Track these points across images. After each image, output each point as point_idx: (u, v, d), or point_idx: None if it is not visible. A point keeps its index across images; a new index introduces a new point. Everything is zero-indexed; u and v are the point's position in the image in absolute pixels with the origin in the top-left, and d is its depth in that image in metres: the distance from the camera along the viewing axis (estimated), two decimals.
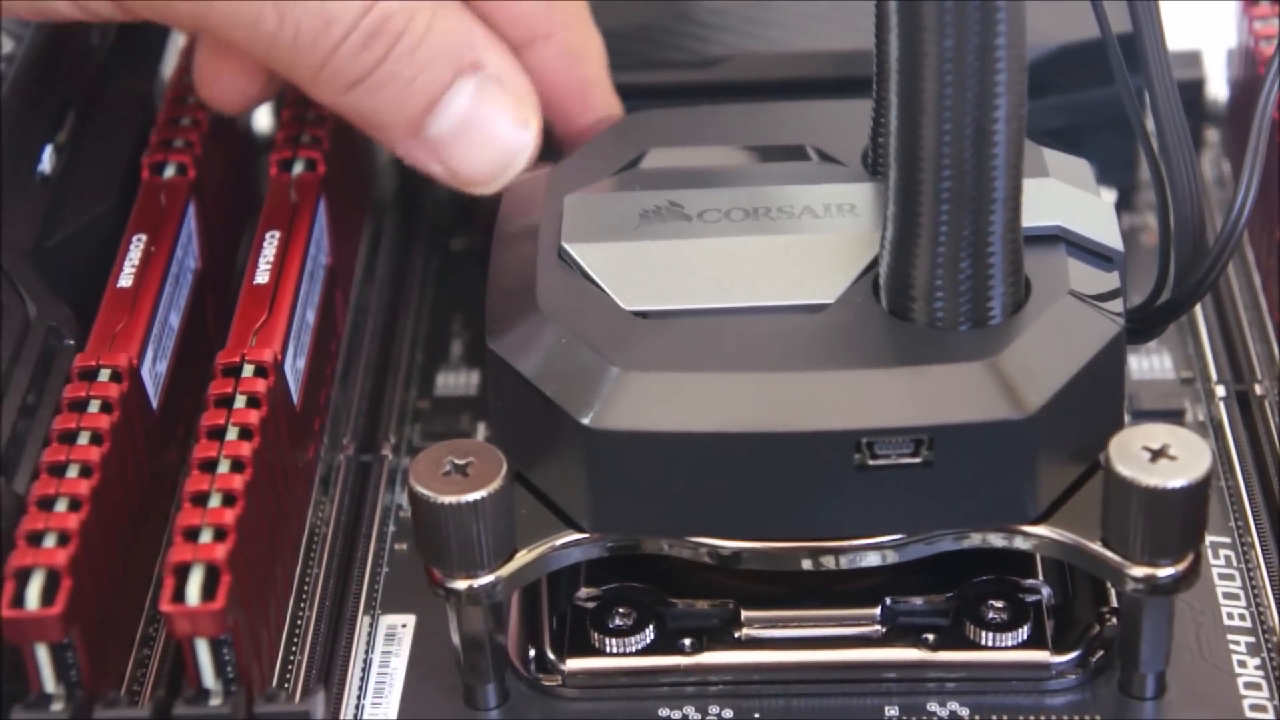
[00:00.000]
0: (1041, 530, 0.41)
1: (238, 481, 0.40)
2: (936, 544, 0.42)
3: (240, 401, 0.42)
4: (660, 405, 0.41)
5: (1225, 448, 0.47)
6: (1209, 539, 0.45)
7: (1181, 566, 0.40)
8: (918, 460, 0.40)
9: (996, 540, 0.41)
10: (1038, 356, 0.41)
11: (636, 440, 0.40)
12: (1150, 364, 0.51)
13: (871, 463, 0.40)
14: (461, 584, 0.41)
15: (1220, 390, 0.49)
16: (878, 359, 0.41)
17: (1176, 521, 0.40)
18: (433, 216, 0.56)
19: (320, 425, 0.48)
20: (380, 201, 0.56)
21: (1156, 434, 0.40)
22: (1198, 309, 0.51)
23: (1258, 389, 0.49)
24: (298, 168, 0.49)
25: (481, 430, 0.50)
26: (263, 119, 0.56)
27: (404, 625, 0.45)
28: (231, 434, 0.42)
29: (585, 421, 0.41)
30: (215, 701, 0.39)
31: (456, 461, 0.40)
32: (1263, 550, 0.45)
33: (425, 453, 0.41)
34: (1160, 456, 0.40)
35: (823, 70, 0.52)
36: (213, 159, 0.50)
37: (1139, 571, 0.40)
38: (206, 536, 0.39)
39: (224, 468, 0.41)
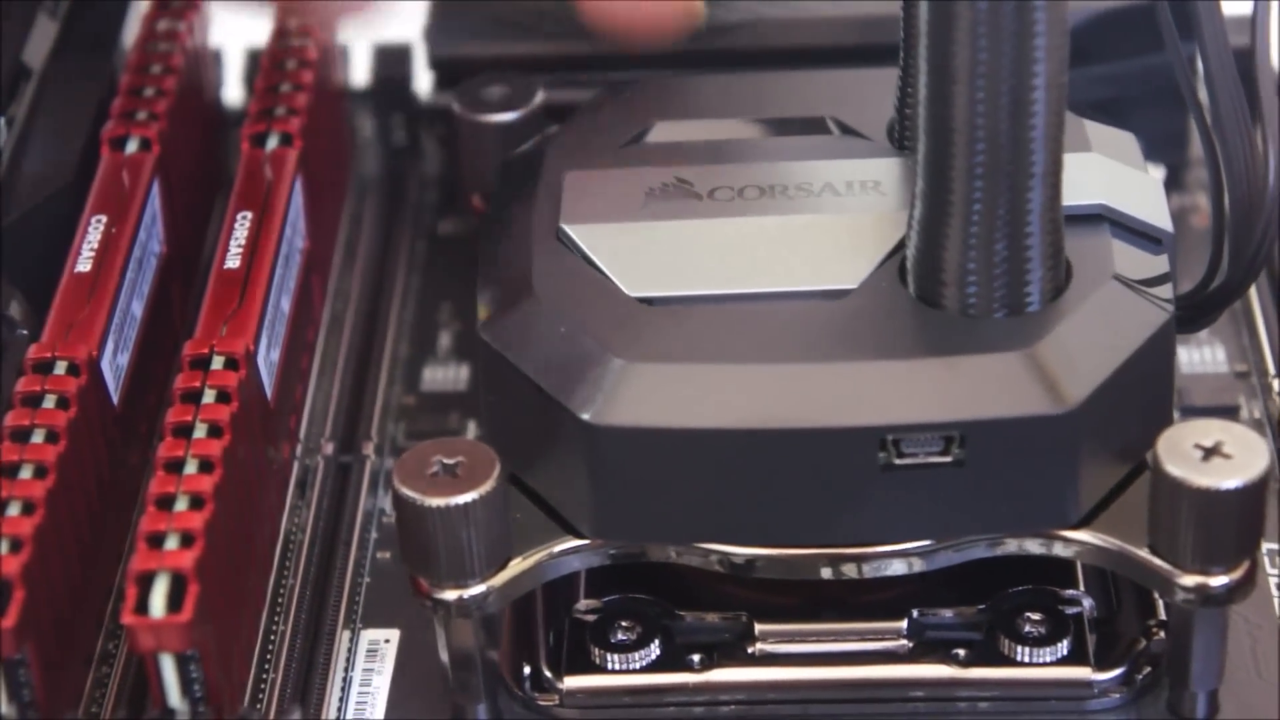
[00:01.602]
0: (1083, 535, 0.41)
1: (206, 483, 0.40)
2: (968, 551, 0.41)
3: (209, 396, 0.42)
4: (667, 400, 0.40)
5: None
6: (1266, 546, 0.45)
7: (1236, 575, 0.40)
8: (948, 459, 0.40)
9: (1034, 547, 0.41)
10: (1079, 346, 0.40)
11: (641, 438, 0.40)
12: (1201, 356, 0.50)
13: (898, 462, 0.40)
14: (450, 595, 0.41)
15: (1278, 384, 0.49)
16: (905, 349, 0.41)
17: (1231, 526, 0.39)
18: (418, 197, 0.56)
19: (296, 423, 0.48)
20: (361, 180, 0.56)
21: (1209, 430, 0.40)
22: (1253, 297, 0.51)
23: None
24: (272, 142, 0.49)
25: (472, 429, 0.49)
26: (234, 90, 0.56)
27: (387, 640, 0.44)
28: (199, 432, 0.41)
29: (586, 417, 0.40)
30: None
31: (445, 461, 0.40)
32: None
33: (411, 452, 0.40)
34: (1213, 455, 0.39)
35: (845, 37, 0.52)
36: (179, 132, 0.50)
37: (1189, 580, 0.40)
38: (172, 543, 0.39)
39: (191, 468, 0.41)
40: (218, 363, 0.43)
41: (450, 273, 0.54)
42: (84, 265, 0.45)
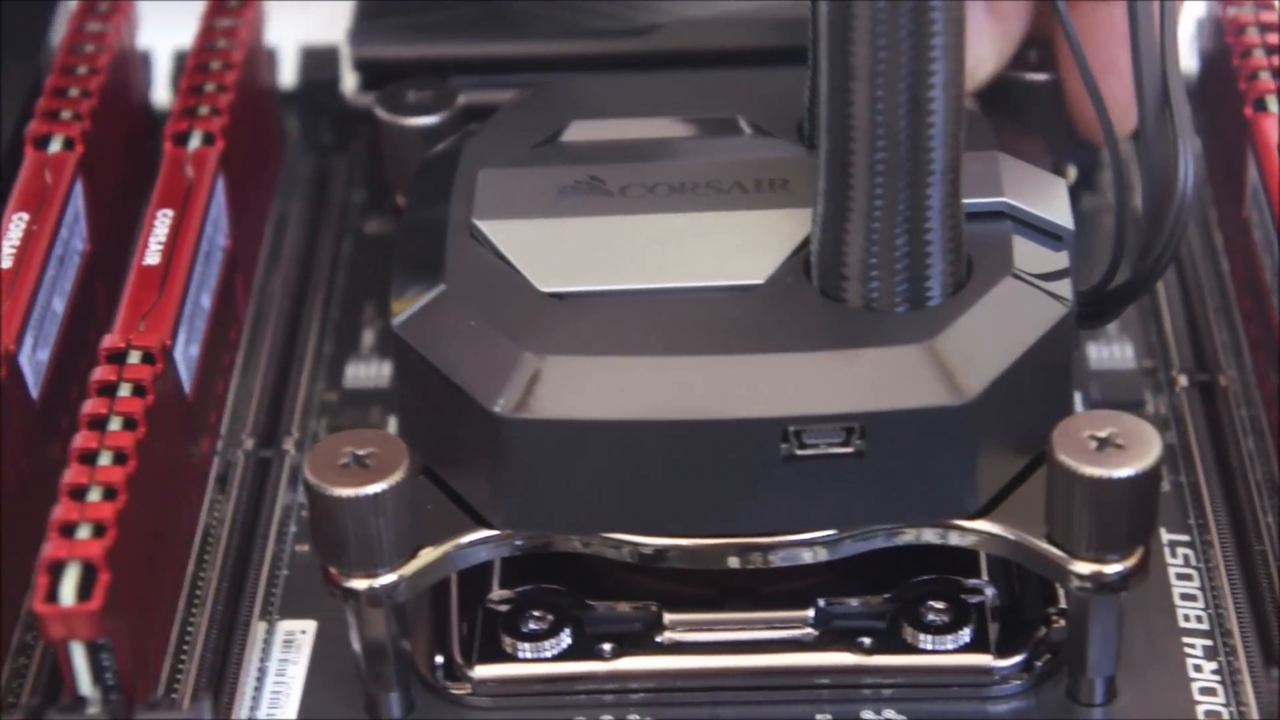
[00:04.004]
0: (981, 525, 0.42)
1: (119, 474, 0.41)
2: (870, 540, 0.42)
3: (125, 389, 0.42)
4: (575, 392, 0.41)
5: (1186, 441, 0.48)
6: (1166, 537, 0.46)
7: (1130, 563, 0.41)
8: (849, 450, 0.41)
9: (932, 536, 0.42)
10: (978, 340, 0.41)
11: (549, 430, 0.41)
12: (1111, 353, 0.51)
13: (800, 453, 0.41)
14: (361, 584, 0.41)
15: (1183, 380, 0.49)
16: (807, 342, 0.41)
17: (1124, 514, 0.40)
18: (344, 198, 0.56)
19: (217, 418, 0.48)
20: (287, 181, 0.56)
21: (1103, 421, 0.40)
22: (1162, 295, 0.52)
23: (1222, 379, 0.49)
24: (194, 141, 0.49)
25: (393, 425, 0.50)
26: (162, 92, 0.57)
27: (303, 631, 0.45)
28: (114, 424, 0.42)
29: (494, 410, 0.41)
30: (92, 710, 0.39)
31: (356, 452, 0.41)
32: (1222, 549, 0.45)
33: (322, 443, 0.41)
34: (1107, 445, 0.40)
35: (761, 38, 0.53)
36: (104, 133, 0.50)
37: (1084, 568, 0.41)
38: (84, 532, 0.39)
39: (105, 460, 0.41)
40: (134, 357, 0.43)
41: (375, 272, 0.54)
42: (5, 262, 0.45)
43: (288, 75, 0.58)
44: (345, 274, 0.54)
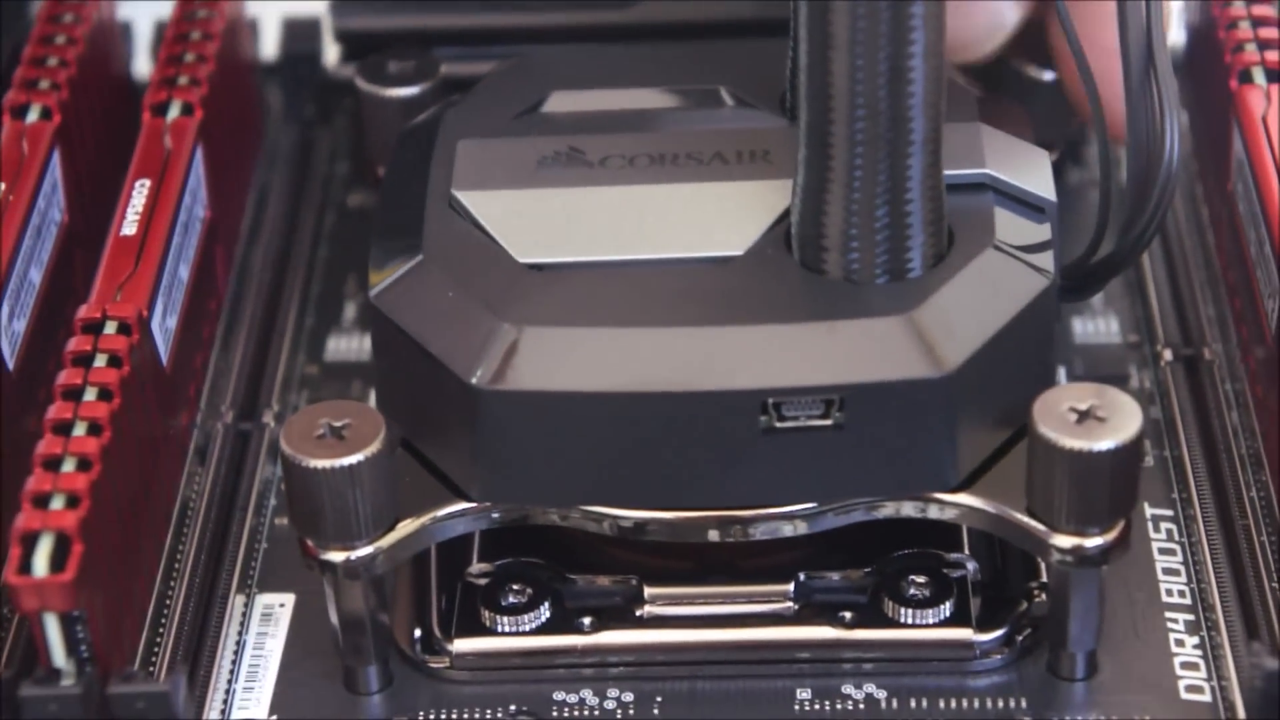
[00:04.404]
0: (960, 498, 0.41)
1: (93, 445, 0.40)
2: (850, 514, 0.42)
3: (100, 360, 0.42)
4: (552, 363, 0.41)
5: (1170, 415, 0.48)
6: (1149, 511, 0.45)
7: (1111, 536, 0.40)
8: (828, 422, 0.40)
9: (912, 510, 0.42)
10: (958, 311, 0.41)
11: (526, 401, 0.41)
12: (1097, 327, 0.51)
13: (779, 425, 0.40)
14: (338, 556, 0.41)
15: (1168, 355, 0.49)
16: (787, 314, 0.41)
17: (1104, 487, 0.40)
18: (327, 170, 0.56)
19: (196, 391, 0.48)
20: (269, 153, 0.56)
21: (1084, 394, 0.40)
22: (1147, 269, 0.52)
23: (1207, 353, 0.49)
24: (173, 112, 0.49)
25: (374, 398, 0.49)
26: (143, 64, 0.56)
27: (282, 605, 0.45)
28: (89, 395, 0.41)
29: (471, 381, 0.41)
30: (67, 682, 0.39)
31: (333, 424, 0.40)
32: (1205, 524, 0.45)
33: (299, 414, 0.41)
34: (1087, 418, 0.40)
35: (743, 10, 0.52)
36: (83, 104, 0.50)
37: (1065, 541, 0.40)
38: (58, 503, 0.39)
39: (80, 430, 0.41)
40: (110, 327, 0.43)
41: (358, 245, 0.54)
42: None
43: (270, 47, 0.57)
44: (327, 247, 0.54)
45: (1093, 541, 0.40)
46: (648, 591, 0.44)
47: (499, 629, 0.43)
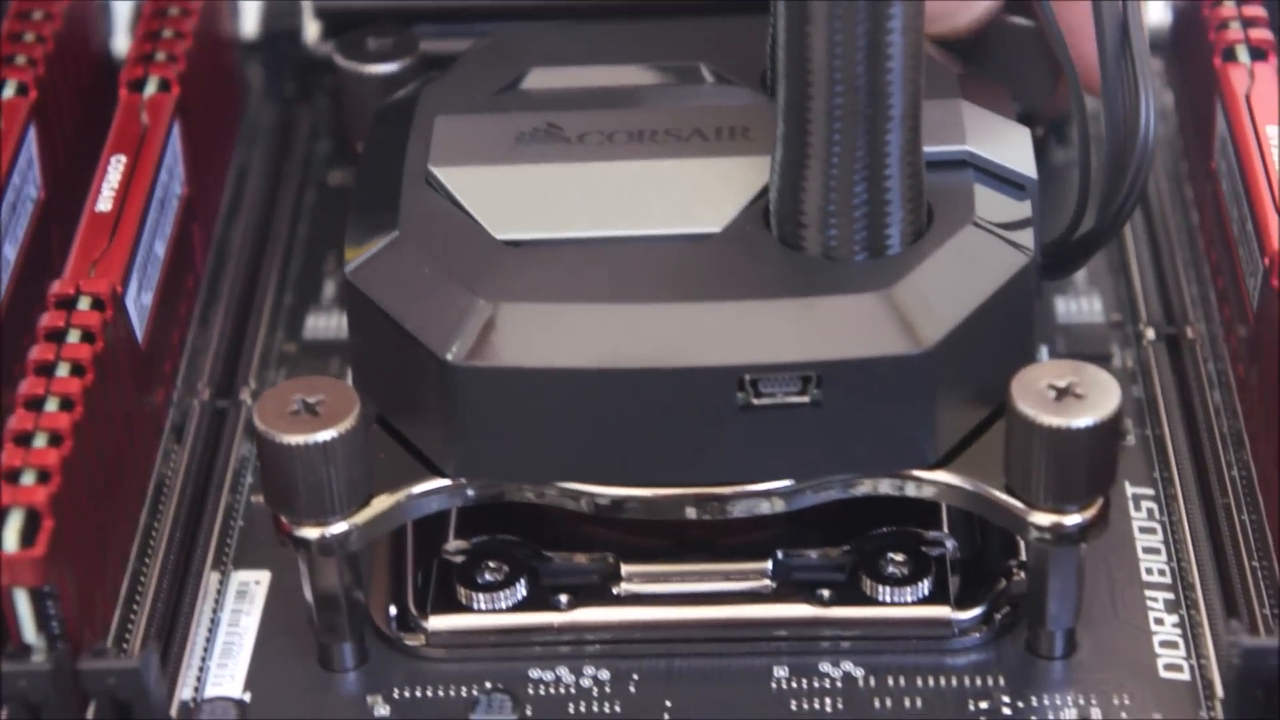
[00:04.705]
0: (938, 475, 0.41)
1: (65, 421, 0.40)
2: (827, 491, 0.41)
3: (73, 336, 0.42)
4: (528, 340, 0.40)
5: (1152, 394, 0.47)
6: (1130, 490, 0.45)
7: (1089, 514, 0.40)
8: (805, 399, 0.40)
9: (889, 487, 0.41)
10: (937, 288, 0.41)
11: (502, 377, 0.40)
12: (1080, 306, 0.51)
13: (756, 402, 0.40)
14: (312, 533, 0.41)
15: (1150, 333, 0.49)
16: (764, 290, 0.41)
17: (1083, 465, 0.40)
18: (307, 149, 0.56)
19: (172, 368, 0.48)
20: (249, 131, 0.56)
21: (1062, 371, 0.40)
22: (1130, 247, 0.52)
23: (1189, 332, 0.49)
24: (150, 88, 0.49)
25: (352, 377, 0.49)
26: (122, 40, 0.56)
27: (257, 582, 0.44)
28: (62, 370, 0.41)
29: (447, 358, 0.40)
30: (37, 658, 0.39)
31: (306, 400, 0.40)
32: (1186, 503, 0.45)
33: (272, 390, 0.40)
34: (1066, 395, 0.40)
35: None
36: (60, 80, 0.50)
37: (1043, 519, 0.40)
38: (28, 479, 0.39)
39: (51, 406, 0.40)
40: (84, 303, 0.43)
41: (338, 223, 0.52)
42: None
43: (250, 24, 0.57)
44: (307, 225, 0.54)
45: (1071, 519, 0.40)
46: (625, 569, 0.43)
47: (475, 606, 0.43)
